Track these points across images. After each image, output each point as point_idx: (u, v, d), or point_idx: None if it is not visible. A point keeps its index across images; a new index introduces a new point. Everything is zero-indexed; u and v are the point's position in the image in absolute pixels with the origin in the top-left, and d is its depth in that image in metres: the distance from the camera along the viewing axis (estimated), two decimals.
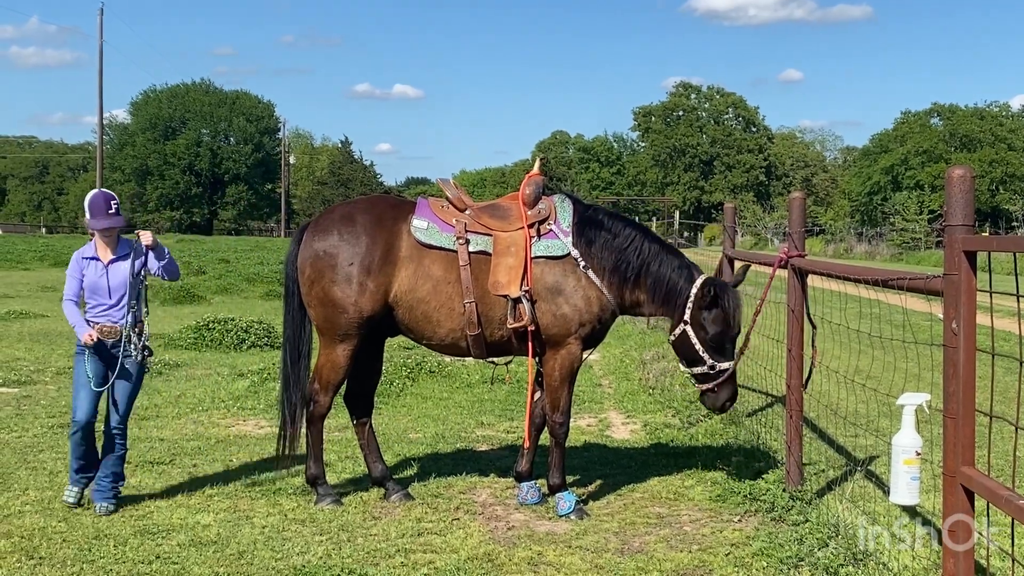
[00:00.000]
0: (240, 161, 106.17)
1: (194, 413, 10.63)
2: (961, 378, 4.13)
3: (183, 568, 5.96)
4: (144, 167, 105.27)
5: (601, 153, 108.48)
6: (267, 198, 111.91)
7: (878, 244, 66.30)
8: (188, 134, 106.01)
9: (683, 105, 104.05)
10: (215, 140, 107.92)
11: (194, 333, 16.03)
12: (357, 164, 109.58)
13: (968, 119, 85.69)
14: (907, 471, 4.60)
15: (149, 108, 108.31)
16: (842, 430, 8.94)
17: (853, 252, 63.34)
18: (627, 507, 7.48)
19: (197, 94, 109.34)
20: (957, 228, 4.14)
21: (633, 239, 7.37)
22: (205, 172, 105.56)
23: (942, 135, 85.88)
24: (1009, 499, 3.67)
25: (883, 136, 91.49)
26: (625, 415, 11.01)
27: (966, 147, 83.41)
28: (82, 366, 7.19)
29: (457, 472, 8.28)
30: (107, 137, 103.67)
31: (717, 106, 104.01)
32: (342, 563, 6.05)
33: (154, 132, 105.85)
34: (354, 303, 7.19)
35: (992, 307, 4.09)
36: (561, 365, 7.32)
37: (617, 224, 7.47)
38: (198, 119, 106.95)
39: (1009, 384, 11.49)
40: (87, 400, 7.16)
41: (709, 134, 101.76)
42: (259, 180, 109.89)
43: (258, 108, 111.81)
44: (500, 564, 6.14)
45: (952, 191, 4.21)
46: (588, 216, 7.45)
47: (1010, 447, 8.17)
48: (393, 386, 12.05)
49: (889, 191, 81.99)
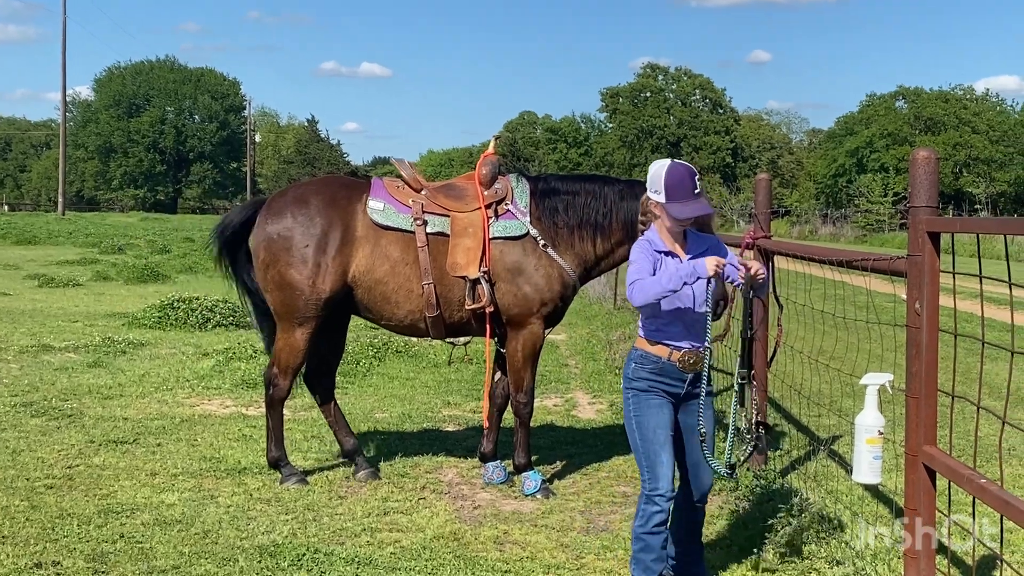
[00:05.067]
0: (205, 139, 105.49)
1: (158, 392, 10.56)
2: (924, 358, 4.16)
3: (147, 547, 5.93)
4: (108, 145, 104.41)
5: (569, 134, 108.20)
6: (232, 177, 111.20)
7: (843, 226, 66.71)
8: (152, 112, 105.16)
9: (651, 86, 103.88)
10: (180, 118, 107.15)
11: (158, 312, 15.88)
12: (324, 143, 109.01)
13: (933, 102, 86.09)
14: (870, 450, 4.63)
15: (113, 85, 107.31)
16: (806, 410, 9.00)
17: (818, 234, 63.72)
18: (593, 486, 7.51)
19: (162, 71, 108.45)
20: (921, 209, 4.17)
21: (592, 190, 7.35)
22: (170, 150, 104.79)
23: (907, 118, 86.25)
24: (970, 478, 3.71)
25: (848, 118, 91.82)
26: (591, 395, 11.03)
27: (930, 130, 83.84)
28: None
29: (423, 452, 8.28)
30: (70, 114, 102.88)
31: (684, 87, 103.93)
32: (308, 542, 6.05)
33: (118, 109, 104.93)
34: (311, 285, 7.15)
35: (955, 288, 4.12)
36: (524, 345, 7.32)
37: (573, 184, 7.47)
38: (162, 96, 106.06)
39: (971, 365, 11.61)
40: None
41: (676, 115, 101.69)
42: (224, 158, 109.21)
43: (223, 86, 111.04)
44: (466, 543, 6.15)
45: (916, 173, 4.24)
46: (543, 188, 7.43)
47: (972, 427, 8.26)
48: (359, 366, 12.02)
49: (854, 173, 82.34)
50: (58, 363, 12.06)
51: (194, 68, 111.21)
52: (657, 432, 5.04)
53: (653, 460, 5.03)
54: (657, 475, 5.00)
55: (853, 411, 5.11)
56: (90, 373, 11.48)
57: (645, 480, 5.06)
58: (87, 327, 15.37)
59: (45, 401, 9.84)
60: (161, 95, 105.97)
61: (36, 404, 9.67)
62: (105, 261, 29.26)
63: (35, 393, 10.27)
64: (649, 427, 5.04)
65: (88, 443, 8.30)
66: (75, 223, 58.79)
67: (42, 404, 9.68)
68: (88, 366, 11.87)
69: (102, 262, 28.72)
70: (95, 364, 11.98)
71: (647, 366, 5.09)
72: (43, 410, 9.41)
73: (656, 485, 4.99)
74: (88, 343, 13.31)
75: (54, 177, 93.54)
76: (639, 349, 5.19)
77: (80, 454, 7.99)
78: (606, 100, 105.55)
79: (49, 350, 12.94)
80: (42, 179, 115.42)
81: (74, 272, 25.66)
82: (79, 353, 12.74)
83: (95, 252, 33.49)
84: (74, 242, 40.40)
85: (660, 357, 5.07)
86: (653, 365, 5.07)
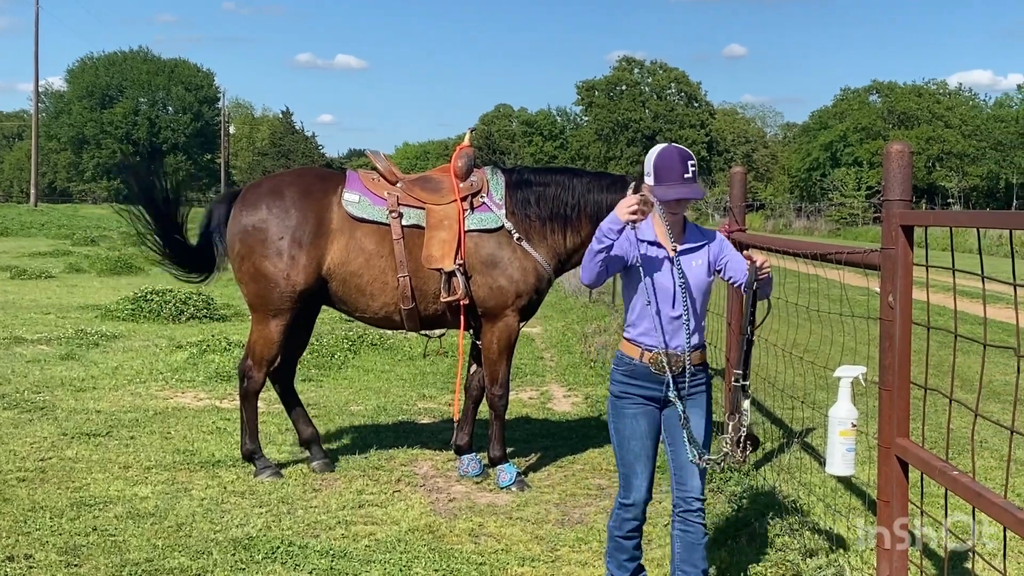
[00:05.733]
0: (179, 131, 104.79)
1: (132, 385, 10.51)
2: (897, 351, 4.18)
3: (120, 540, 5.90)
4: (81, 136, 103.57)
5: (545, 127, 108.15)
6: (206, 168, 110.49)
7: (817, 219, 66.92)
8: (125, 103, 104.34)
9: (626, 80, 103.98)
10: (153, 109, 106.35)
11: (132, 304, 15.81)
12: (298, 135, 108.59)
13: (906, 96, 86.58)
14: (843, 443, 4.65)
15: (86, 76, 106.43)
16: (780, 402, 9.03)
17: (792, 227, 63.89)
18: (568, 479, 7.52)
19: (135, 62, 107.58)
20: (895, 203, 4.18)
21: (562, 182, 7.37)
22: (143, 141, 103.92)
23: (880, 112, 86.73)
24: (943, 470, 3.73)
25: (823, 113, 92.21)
26: (567, 388, 11.05)
27: (904, 124, 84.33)
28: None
29: (398, 444, 8.28)
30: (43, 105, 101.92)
31: (660, 81, 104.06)
32: (282, 535, 6.03)
33: (91, 100, 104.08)
34: (286, 277, 7.13)
35: (928, 282, 4.14)
36: (499, 338, 7.33)
37: (545, 175, 7.49)
38: (136, 87, 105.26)
39: (943, 358, 11.68)
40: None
41: (652, 109, 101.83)
42: (198, 150, 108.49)
43: (197, 77, 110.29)
44: (441, 535, 6.15)
45: (890, 167, 4.25)
46: (516, 180, 7.45)
47: (944, 419, 8.32)
48: (335, 359, 12.00)
49: (828, 167, 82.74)
50: (30, 355, 11.98)
51: (168, 59, 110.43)
52: (631, 443, 4.80)
53: (627, 471, 4.85)
54: (630, 486, 4.83)
55: (827, 404, 5.12)
56: (63, 365, 11.41)
57: (620, 487, 4.92)
58: (60, 319, 15.28)
59: (17, 394, 9.78)
60: (134, 86, 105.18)
61: (8, 396, 9.61)
62: (78, 253, 29.09)
63: (7, 385, 10.20)
64: (624, 436, 4.82)
65: (61, 436, 8.25)
66: (47, 215, 58.41)
67: (14, 396, 9.61)
68: (61, 358, 11.80)
69: (75, 254, 28.56)
70: (68, 356, 11.90)
71: (620, 368, 4.84)
72: (15, 403, 9.35)
73: (627, 495, 4.84)
74: (61, 335, 13.23)
75: (26, 168, 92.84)
76: (619, 350, 4.93)
77: (53, 447, 7.94)
78: (582, 93, 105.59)
79: (21, 342, 12.86)
80: (14, 170, 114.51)
81: (46, 264, 25.51)
82: (51, 345, 12.66)
83: (68, 244, 33.32)
84: (46, 234, 40.15)
85: (632, 358, 4.79)
86: (625, 367, 4.81)
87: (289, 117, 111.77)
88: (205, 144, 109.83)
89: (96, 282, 21.87)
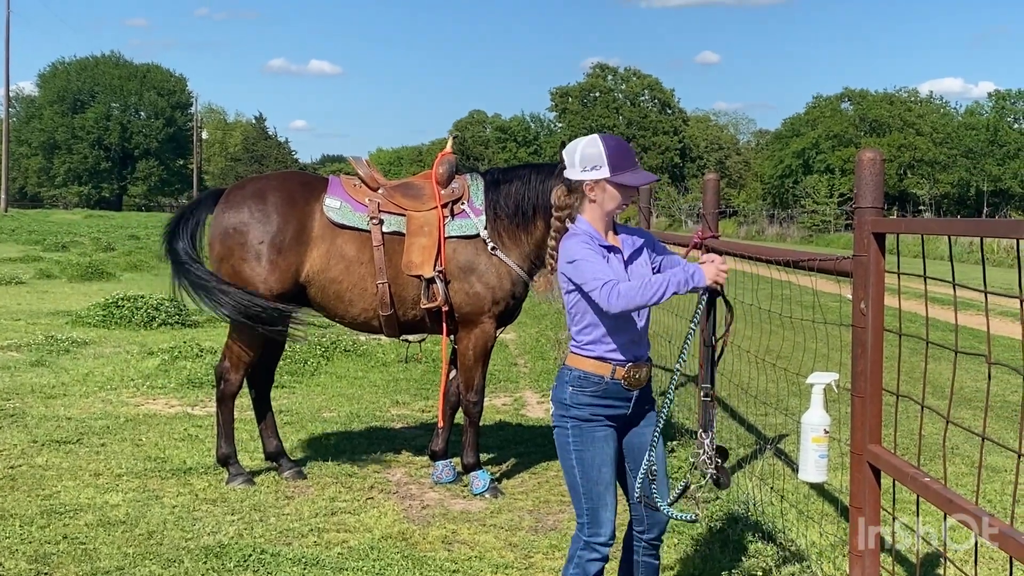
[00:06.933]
0: (151, 136, 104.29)
1: (102, 392, 10.43)
2: (869, 358, 4.20)
3: (91, 548, 5.86)
4: (52, 141, 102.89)
5: (518, 133, 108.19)
6: (179, 174, 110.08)
7: (789, 226, 67.32)
8: (97, 107, 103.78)
9: (600, 86, 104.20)
10: (125, 114, 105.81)
11: (103, 310, 15.69)
12: (272, 140, 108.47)
13: (878, 104, 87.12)
14: (815, 449, 4.66)
15: (57, 80, 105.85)
16: (752, 409, 9.06)
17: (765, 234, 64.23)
18: (541, 485, 7.51)
19: (107, 67, 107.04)
20: (867, 210, 4.21)
21: (521, 177, 7.35)
22: (115, 147, 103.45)
23: (852, 120, 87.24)
24: (914, 476, 3.75)
25: (795, 120, 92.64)
26: (540, 394, 11.04)
27: (876, 132, 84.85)
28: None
29: (371, 451, 8.25)
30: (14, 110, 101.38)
31: (633, 88, 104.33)
32: (254, 542, 6.00)
33: (62, 105, 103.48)
34: (264, 281, 7.10)
35: (900, 288, 4.16)
36: (475, 344, 7.32)
37: (509, 173, 7.49)
38: (108, 92, 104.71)
39: (915, 364, 11.74)
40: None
41: (625, 115, 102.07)
42: (170, 155, 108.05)
43: (170, 82, 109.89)
44: (414, 543, 6.14)
45: (862, 174, 4.28)
46: (489, 182, 7.45)
47: (916, 426, 8.36)
48: (307, 365, 11.95)
49: (800, 174, 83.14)
50: (0, 362, 11.88)
51: (140, 64, 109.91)
52: (603, 472, 4.27)
53: (596, 504, 4.26)
54: (600, 520, 4.26)
55: (799, 410, 5.14)
56: (33, 372, 11.32)
57: (584, 525, 4.29)
58: (30, 325, 15.15)
59: None
60: (106, 91, 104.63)
61: None
62: (49, 259, 28.84)
63: None
64: (594, 465, 4.26)
65: (31, 443, 8.19)
66: (18, 220, 57.93)
67: None
68: (31, 365, 11.70)
69: (45, 260, 28.32)
70: (38, 363, 11.81)
71: (587, 388, 4.28)
72: None
73: (597, 532, 4.26)
74: (31, 342, 13.12)
75: None
76: (575, 369, 4.32)
77: (23, 454, 7.87)
78: (556, 100, 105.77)
79: None
80: None
81: (16, 270, 25.27)
82: (21, 352, 12.55)
83: (38, 250, 33.00)
84: (17, 239, 39.76)
85: (602, 376, 4.27)
86: (595, 387, 4.27)
87: (262, 122, 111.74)
88: (177, 149, 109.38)
89: (67, 288, 21.69)
